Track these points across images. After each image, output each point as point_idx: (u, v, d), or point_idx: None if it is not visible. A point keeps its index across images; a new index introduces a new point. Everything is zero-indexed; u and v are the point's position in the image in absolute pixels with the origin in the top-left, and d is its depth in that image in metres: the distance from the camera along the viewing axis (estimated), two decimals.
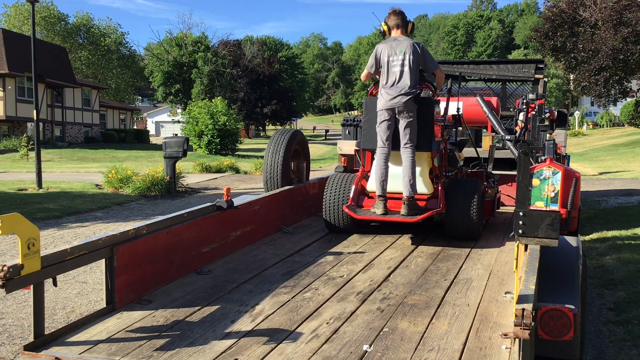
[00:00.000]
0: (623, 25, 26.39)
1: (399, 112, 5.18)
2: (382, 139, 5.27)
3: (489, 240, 5.45)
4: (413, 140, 5.21)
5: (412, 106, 5.16)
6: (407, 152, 5.21)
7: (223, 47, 55.77)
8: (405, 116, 5.17)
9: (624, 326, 5.32)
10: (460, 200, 5.23)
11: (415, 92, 5.17)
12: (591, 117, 71.02)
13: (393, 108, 5.20)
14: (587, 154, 32.32)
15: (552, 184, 3.57)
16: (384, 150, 5.27)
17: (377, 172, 5.25)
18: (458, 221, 5.26)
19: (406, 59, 5.22)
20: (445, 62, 11.14)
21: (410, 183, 5.15)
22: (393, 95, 5.18)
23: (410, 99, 5.15)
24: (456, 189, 5.34)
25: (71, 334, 3.08)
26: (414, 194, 5.17)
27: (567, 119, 10.19)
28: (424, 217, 5.05)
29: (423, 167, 5.33)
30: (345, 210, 5.27)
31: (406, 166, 5.19)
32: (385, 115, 5.24)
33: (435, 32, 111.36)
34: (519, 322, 2.19)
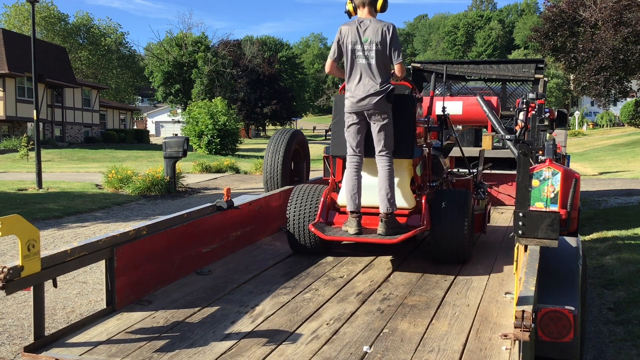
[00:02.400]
0: (623, 25, 26.39)
1: (370, 115, 4.41)
2: (352, 146, 4.51)
3: (489, 240, 5.45)
4: (389, 147, 4.44)
5: (385, 106, 4.37)
6: (383, 161, 4.45)
7: (223, 47, 55.77)
8: (378, 119, 4.39)
9: (624, 326, 5.32)
10: (447, 216, 4.46)
11: (387, 88, 4.36)
12: (591, 117, 71.02)
13: (362, 111, 4.41)
14: (587, 154, 32.32)
15: (551, 185, 3.57)
16: (355, 159, 4.52)
17: (349, 184, 4.50)
18: (445, 241, 4.48)
19: (373, 49, 4.36)
20: (445, 62, 11.16)
21: (388, 197, 4.38)
22: (359, 97, 4.37)
23: (382, 99, 4.34)
24: (442, 202, 4.55)
25: (71, 335, 3.08)
26: (392, 210, 4.41)
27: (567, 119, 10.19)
28: (405, 238, 4.30)
29: (403, 177, 4.62)
30: (311, 229, 4.45)
31: (382, 177, 4.42)
32: (354, 118, 4.46)
33: (435, 32, 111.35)
34: (519, 324, 2.19)
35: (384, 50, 4.36)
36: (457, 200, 4.57)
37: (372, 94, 4.35)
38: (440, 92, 9.69)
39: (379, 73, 4.37)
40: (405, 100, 4.56)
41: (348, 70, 4.46)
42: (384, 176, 4.43)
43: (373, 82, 4.36)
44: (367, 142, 4.50)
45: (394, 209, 4.43)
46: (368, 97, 4.36)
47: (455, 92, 9.62)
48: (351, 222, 4.45)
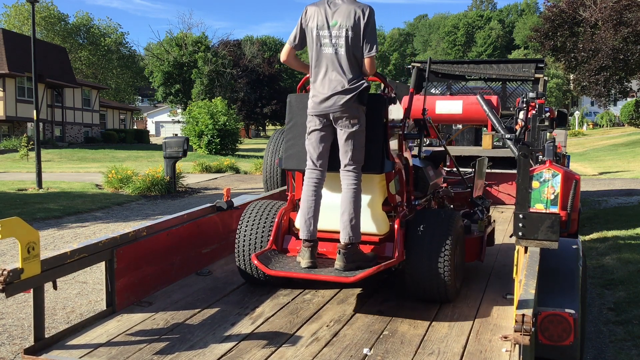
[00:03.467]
0: (623, 25, 26.39)
1: (337, 120, 3.56)
2: (312, 158, 3.66)
3: None
4: (358, 160, 3.59)
5: (356, 109, 3.54)
6: (349, 178, 3.60)
7: (223, 47, 55.75)
8: (346, 124, 3.55)
9: (624, 326, 5.32)
10: (424, 245, 3.62)
11: (359, 86, 3.53)
12: (591, 117, 71.01)
13: (328, 114, 3.58)
14: (587, 154, 32.31)
15: (551, 186, 3.57)
16: (314, 174, 3.67)
17: (304, 206, 3.66)
18: (421, 276, 3.63)
19: (342, 35, 3.55)
20: (446, 62, 11.16)
21: (352, 224, 3.53)
22: (325, 95, 3.56)
23: (352, 99, 3.51)
24: (422, 226, 3.69)
25: (71, 337, 3.08)
26: (355, 241, 3.55)
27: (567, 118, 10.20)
28: (367, 275, 3.42)
29: (373, 196, 3.75)
30: (254, 261, 3.59)
31: (346, 198, 3.58)
32: (316, 123, 3.62)
33: (435, 32, 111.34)
34: (519, 327, 2.19)
35: (356, 38, 3.55)
36: (439, 224, 3.70)
37: (339, 93, 3.53)
38: (440, 92, 9.70)
39: (349, 66, 3.55)
40: (373, 101, 3.66)
41: (312, 62, 3.65)
42: (348, 197, 3.59)
43: (341, 78, 3.54)
44: (331, 152, 3.69)
45: (358, 239, 3.57)
46: (334, 97, 3.54)
47: (455, 92, 9.63)
48: (303, 253, 3.59)
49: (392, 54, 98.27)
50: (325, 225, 3.79)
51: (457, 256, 3.77)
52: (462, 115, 7.43)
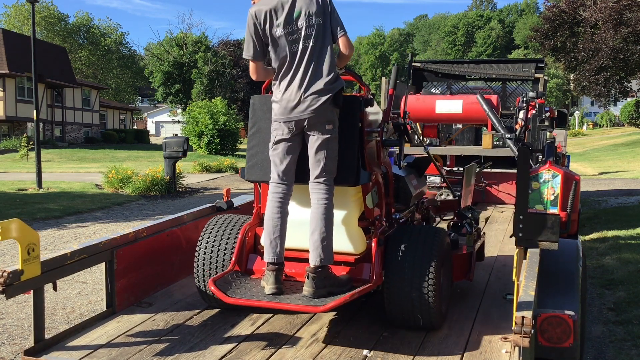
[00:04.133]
0: (623, 25, 26.39)
1: (310, 125, 3.17)
2: (277, 170, 3.26)
3: (489, 240, 5.44)
4: (330, 170, 3.20)
5: (331, 113, 3.16)
6: (320, 191, 3.20)
7: (223, 47, 55.74)
8: (320, 130, 3.15)
9: (624, 326, 5.32)
10: (407, 265, 3.22)
11: (336, 86, 3.16)
12: (591, 117, 71.00)
13: (300, 120, 3.17)
14: (587, 154, 32.31)
15: (551, 187, 3.57)
16: (279, 189, 3.26)
17: (268, 224, 3.25)
18: (403, 301, 3.23)
19: (311, 24, 3.14)
20: (446, 62, 11.16)
21: (323, 244, 3.14)
22: (295, 100, 3.14)
23: (329, 100, 3.13)
24: (403, 244, 3.29)
25: (71, 338, 3.08)
26: (326, 263, 3.16)
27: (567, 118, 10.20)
28: (339, 304, 3.02)
29: (348, 211, 3.34)
30: (210, 287, 3.18)
31: (317, 215, 3.18)
32: (284, 131, 3.21)
33: (435, 32, 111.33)
34: (519, 329, 2.19)
35: (324, 25, 3.16)
36: (422, 241, 3.31)
37: (315, 94, 3.12)
38: (441, 92, 9.70)
39: (323, 61, 3.17)
40: (347, 103, 3.25)
41: (277, 64, 3.23)
42: (318, 214, 3.18)
43: (316, 77, 3.15)
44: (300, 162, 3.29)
45: (329, 261, 3.18)
46: (309, 99, 3.13)
47: (455, 92, 9.63)
48: (268, 278, 3.19)
49: (392, 54, 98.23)
50: (294, 242, 3.39)
51: (442, 277, 3.37)
52: (462, 115, 7.43)
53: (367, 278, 3.28)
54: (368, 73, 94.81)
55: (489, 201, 7.56)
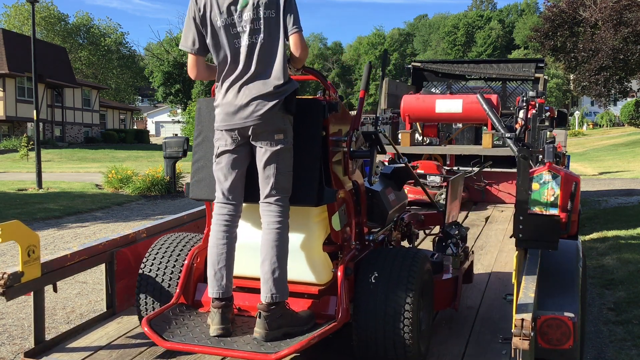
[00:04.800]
0: (623, 25, 26.38)
1: (256, 135, 2.73)
2: (222, 188, 2.82)
3: (489, 240, 5.44)
4: (283, 188, 2.76)
5: (281, 121, 2.72)
6: (272, 213, 2.76)
7: None
8: (268, 141, 2.72)
9: (624, 326, 5.32)
10: (379, 298, 2.76)
11: (286, 89, 2.72)
12: (591, 117, 70.99)
13: (244, 128, 2.73)
14: (587, 154, 32.30)
15: (551, 188, 3.57)
16: (225, 209, 2.82)
17: (213, 252, 2.81)
18: (375, 340, 2.78)
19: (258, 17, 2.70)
20: (446, 62, 11.17)
21: (274, 276, 2.70)
22: (241, 103, 2.71)
23: (278, 106, 2.69)
24: (375, 273, 2.84)
25: (71, 339, 3.08)
26: (280, 299, 2.71)
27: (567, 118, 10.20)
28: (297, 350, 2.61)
29: (310, 234, 2.88)
30: (144, 328, 2.75)
31: (268, 241, 2.74)
32: (227, 142, 2.78)
33: (435, 32, 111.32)
34: (518, 332, 2.19)
35: (275, 19, 2.69)
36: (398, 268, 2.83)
37: (260, 98, 2.68)
38: (441, 91, 9.71)
39: (269, 61, 2.70)
40: (307, 108, 2.82)
41: (219, 62, 2.78)
42: (270, 240, 2.73)
43: (260, 78, 2.71)
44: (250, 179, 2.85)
45: (284, 297, 2.73)
46: (253, 103, 2.68)
47: (455, 92, 9.64)
48: (213, 316, 2.74)
49: (392, 54, 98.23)
50: (247, 270, 2.94)
51: (422, 311, 2.93)
52: (462, 114, 7.43)
53: (332, 314, 2.79)
54: None
55: (489, 200, 7.57)
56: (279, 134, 2.72)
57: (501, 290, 3.91)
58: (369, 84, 3.23)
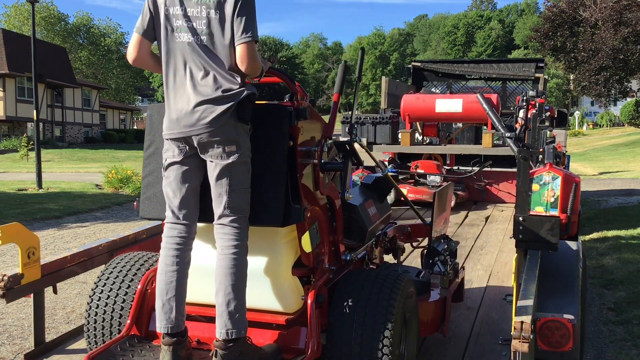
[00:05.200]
0: (623, 25, 26.39)
1: (204, 146, 2.43)
2: (171, 206, 2.51)
3: (489, 240, 5.44)
4: (238, 208, 2.43)
5: (233, 130, 2.41)
6: (226, 237, 2.44)
7: None
8: (218, 153, 2.41)
9: (624, 326, 5.31)
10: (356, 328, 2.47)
11: (236, 94, 2.40)
12: (591, 117, 71.00)
13: (188, 137, 2.43)
14: (587, 154, 32.30)
15: (551, 189, 3.57)
16: (175, 231, 2.51)
17: (161, 280, 2.48)
18: None
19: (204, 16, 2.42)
20: (446, 62, 11.17)
21: (230, 309, 2.38)
22: (181, 111, 2.42)
23: (228, 113, 2.38)
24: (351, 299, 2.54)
25: (71, 341, 3.08)
26: (238, 335, 2.40)
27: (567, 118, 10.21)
28: None
29: (276, 257, 2.57)
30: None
31: (222, 268, 2.42)
32: (175, 153, 2.49)
33: (435, 32, 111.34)
34: (518, 334, 2.19)
35: (220, 20, 2.41)
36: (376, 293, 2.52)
37: (204, 103, 2.38)
38: (441, 91, 9.71)
39: (217, 61, 2.41)
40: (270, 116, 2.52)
41: (163, 59, 2.48)
42: (224, 268, 2.41)
43: (207, 80, 2.40)
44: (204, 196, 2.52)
45: (241, 332, 2.40)
46: (198, 110, 2.38)
47: (455, 91, 9.65)
48: (163, 354, 2.43)
49: (392, 54, 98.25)
50: (205, 296, 2.57)
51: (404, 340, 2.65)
52: (462, 114, 7.44)
53: (302, 347, 2.51)
54: (368, 73, 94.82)
55: (489, 200, 7.57)
56: (230, 145, 2.39)
57: (501, 291, 3.91)
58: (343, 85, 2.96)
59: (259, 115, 2.47)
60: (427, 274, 3.23)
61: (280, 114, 2.50)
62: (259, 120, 2.47)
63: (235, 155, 2.40)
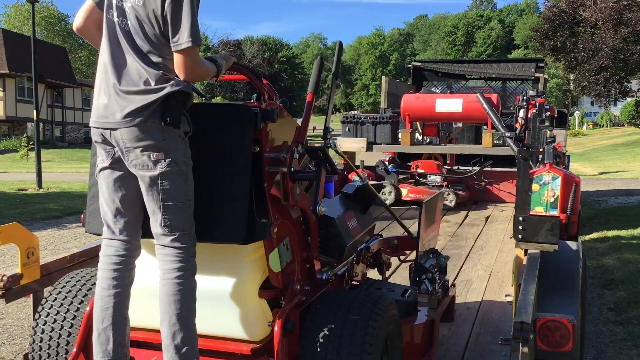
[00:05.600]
0: (623, 25, 26.40)
1: (125, 155, 2.10)
2: (105, 218, 2.21)
3: (489, 240, 5.44)
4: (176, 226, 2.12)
5: (158, 136, 2.06)
6: (167, 259, 2.14)
7: (223, 47, 55.84)
8: (143, 162, 2.08)
9: (624, 326, 5.32)
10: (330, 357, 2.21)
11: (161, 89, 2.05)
12: (591, 117, 71.01)
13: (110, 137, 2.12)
14: (587, 154, 32.30)
15: (551, 189, 3.57)
16: (112, 248, 2.21)
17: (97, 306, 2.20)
18: None
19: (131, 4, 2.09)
20: (446, 62, 11.18)
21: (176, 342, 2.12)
22: (101, 99, 2.13)
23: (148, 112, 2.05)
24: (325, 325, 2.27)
25: None
26: None
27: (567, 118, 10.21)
28: None
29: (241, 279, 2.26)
30: None
31: (165, 294, 2.14)
32: (103, 156, 2.18)
33: (435, 32, 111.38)
34: (518, 335, 2.18)
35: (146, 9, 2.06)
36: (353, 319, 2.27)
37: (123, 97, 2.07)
38: (441, 91, 9.72)
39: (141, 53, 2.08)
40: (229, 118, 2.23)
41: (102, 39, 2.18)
42: (167, 294, 2.13)
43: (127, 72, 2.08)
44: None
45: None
46: (115, 105, 2.07)
47: (455, 91, 9.66)
48: None
49: (392, 54, 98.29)
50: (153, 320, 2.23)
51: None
52: (462, 114, 7.44)
53: None
54: (368, 73, 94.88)
55: (489, 200, 7.58)
56: (156, 152, 2.05)
57: (501, 291, 3.91)
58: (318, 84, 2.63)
59: (218, 117, 2.23)
60: (414, 292, 2.89)
61: (243, 115, 2.20)
62: (218, 122, 2.22)
63: (164, 164, 2.06)
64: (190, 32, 2.03)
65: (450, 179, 7.61)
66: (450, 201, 7.15)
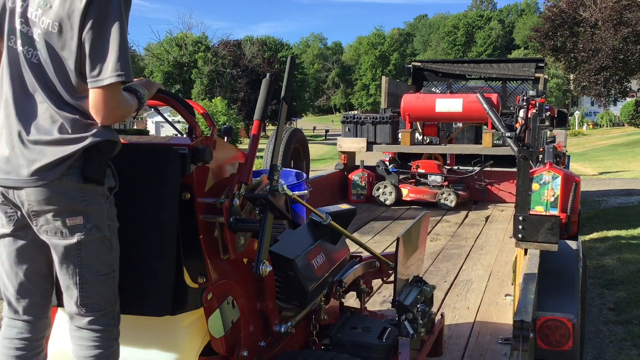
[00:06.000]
0: (623, 25, 26.41)
1: (32, 218, 1.67)
2: (7, 294, 1.82)
3: (489, 239, 5.44)
4: (97, 304, 1.75)
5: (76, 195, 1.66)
6: (84, 342, 1.77)
7: (223, 47, 55.88)
8: (55, 229, 1.67)
9: (624, 326, 5.32)
10: None
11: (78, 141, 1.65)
12: (591, 117, 71.05)
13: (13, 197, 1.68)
14: (587, 154, 32.31)
15: (551, 189, 3.57)
16: (14, 329, 1.83)
17: None
18: None
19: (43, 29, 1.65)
20: (446, 62, 11.19)
21: None
22: (4, 155, 1.67)
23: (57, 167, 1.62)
24: None
25: None
26: None
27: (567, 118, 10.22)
28: None
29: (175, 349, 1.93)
30: None
31: None
32: (2, 220, 1.75)
33: (435, 32, 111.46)
34: (518, 333, 2.18)
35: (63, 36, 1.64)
36: None
37: (27, 144, 1.67)
38: (441, 91, 9.72)
39: (53, 92, 1.67)
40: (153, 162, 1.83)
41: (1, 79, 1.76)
42: None
43: (35, 115, 1.67)
44: None
45: None
46: (18, 154, 1.66)
47: (455, 91, 9.66)
48: None
49: (392, 54, 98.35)
50: None
51: None
52: (462, 114, 7.44)
53: None
54: (368, 73, 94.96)
55: (489, 200, 7.58)
56: (73, 216, 1.66)
57: (501, 291, 3.91)
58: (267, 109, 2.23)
59: (138, 161, 1.82)
60: (394, 332, 2.42)
61: (167, 159, 1.79)
62: (138, 167, 1.82)
63: (82, 230, 1.66)
64: (117, 64, 1.62)
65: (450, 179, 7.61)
66: (450, 201, 7.16)
